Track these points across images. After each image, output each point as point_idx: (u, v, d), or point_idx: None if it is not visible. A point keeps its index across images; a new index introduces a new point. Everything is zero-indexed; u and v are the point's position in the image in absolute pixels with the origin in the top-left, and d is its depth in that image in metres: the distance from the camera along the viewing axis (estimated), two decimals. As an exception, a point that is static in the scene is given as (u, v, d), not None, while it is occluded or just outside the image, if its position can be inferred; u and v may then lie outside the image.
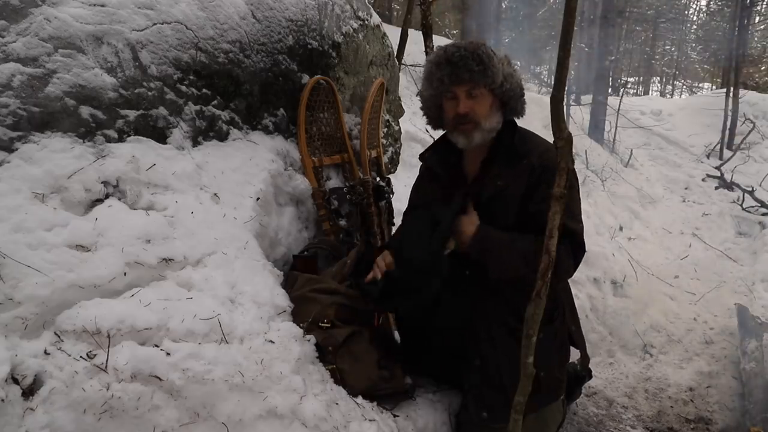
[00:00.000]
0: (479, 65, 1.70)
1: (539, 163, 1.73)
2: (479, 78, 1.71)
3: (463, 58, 1.70)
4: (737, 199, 7.73)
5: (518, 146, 1.80)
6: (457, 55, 1.71)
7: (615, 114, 10.15)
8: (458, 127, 1.79)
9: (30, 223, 1.47)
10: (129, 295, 1.51)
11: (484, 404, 1.80)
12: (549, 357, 1.86)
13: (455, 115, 1.78)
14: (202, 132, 2.14)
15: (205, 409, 1.38)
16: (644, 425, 3.32)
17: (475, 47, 1.72)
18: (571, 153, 1.35)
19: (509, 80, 1.78)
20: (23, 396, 1.23)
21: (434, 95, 1.84)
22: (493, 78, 1.72)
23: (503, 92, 1.78)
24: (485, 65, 1.70)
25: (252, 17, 2.30)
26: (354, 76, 2.89)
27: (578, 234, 1.76)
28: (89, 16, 1.80)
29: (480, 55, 1.70)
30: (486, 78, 1.72)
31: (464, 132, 1.78)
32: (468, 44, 1.74)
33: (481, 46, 1.73)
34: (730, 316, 4.61)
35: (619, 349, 4.24)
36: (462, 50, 1.71)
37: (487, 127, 1.78)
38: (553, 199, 1.36)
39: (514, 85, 1.79)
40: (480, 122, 1.76)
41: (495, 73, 1.72)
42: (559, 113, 1.34)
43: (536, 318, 1.41)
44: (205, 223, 1.83)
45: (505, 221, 1.76)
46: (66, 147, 1.66)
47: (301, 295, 1.88)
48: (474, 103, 1.75)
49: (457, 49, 1.72)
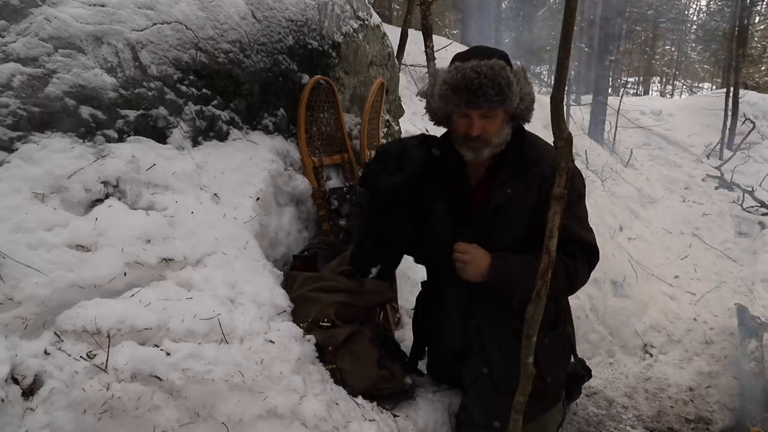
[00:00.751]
0: (498, 95, 1.61)
1: (551, 172, 1.66)
2: (498, 105, 1.64)
3: (483, 87, 1.59)
4: (737, 199, 7.73)
5: (527, 153, 1.74)
6: (477, 83, 1.59)
7: (615, 114, 10.15)
8: (467, 143, 1.72)
9: (30, 223, 1.47)
10: (129, 295, 1.51)
11: (496, 414, 1.75)
12: (556, 362, 1.87)
13: (466, 134, 1.71)
14: (202, 132, 2.14)
15: (205, 409, 1.38)
16: (644, 425, 3.32)
17: (495, 74, 1.60)
18: (571, 153, 1.35)
19: (524, 101, 1.70)
20: (23, 396, 1.23)
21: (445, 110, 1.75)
22: (511, 102, 1.65)
23: (517, 110, 1.71)
24: (504, 94, 1.61)
25: (252, 17, 2.30)
26: (354, 76, 2.89)
27: (592, 243, 1.76)
28: (89, 16, 1.80)
29: (500, 83, 1.60)
30: (504, 105, 1.65)
31: (474, 149, 1.72)
32: (489, 70, 1.60)
33: (501, 71, 1.61)
34: (730, 316, 4.61)
35: (619, 349, 4.24)
36: (482, 77, 1.59)
37: (497, 142, 1.72)
38: (552, 199, 1.36)
39: (528, 102, 1.72)
40: (491, 140, 1.70)
41: (513, 98, 1.64)
42: (559, 113, 1.33)
43: (536, 318, 1.41)
44: (205, 223, 1.83)
45: (515, 231, 1.73)
46: (66, 147, 1.66)
47: (301, 295, 1.88)
48: (486, 123, 1.68)
49: (477, 75, 1.60)
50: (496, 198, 1.73)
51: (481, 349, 1.81)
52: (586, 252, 1.76)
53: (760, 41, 18.90)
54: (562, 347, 1.91)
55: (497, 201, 1.73)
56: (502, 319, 1.79)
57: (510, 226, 1.73)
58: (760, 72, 19.43)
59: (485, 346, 1.80)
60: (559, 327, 1.87)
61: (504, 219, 1.73)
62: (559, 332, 1.87)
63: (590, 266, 1.77)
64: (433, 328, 2.01)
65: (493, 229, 1.73)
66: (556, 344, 1.85)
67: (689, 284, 5.61)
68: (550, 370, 1.80)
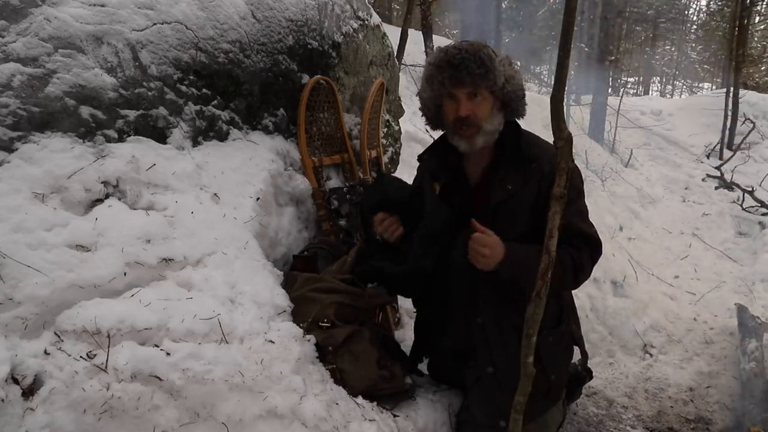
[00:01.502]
0: (480, 67, 1.65)
1: (550, 168, 1.68)
2: (480, 80, 1.67)
3: (465, 60, 1.65)
4: (737, 199, 7.72)
5: (525, 149, 1.76)
6: (459, 57, 1.66)
7: (615, 114, 10.15)
8: (459, 131, 1.74)
9: (30, 223, 1.47)
10: (129, 295, 1.51)
11: (501, 413, 1.73)
12: (559, 360, 1.87)
13: (456, 118, 1.73)
14: (202, 132, 2.14)
15: (205, 409, 1.38)
16: (644, 425, 3.32)
17: (476, 49, 1.67)
18: (571, 153, 1.35)
19: (511, 82, 1.73)
20: (23, 396, 1.23)
21: (434, 96, 1.80)
22: (494, 80, 1.69)
23: (504, 94, 1.74)
24: (487, 67, 1.66)
25: (252, 17, 2.30)
26: (354, 76, 2.89)
27: (594, 237, 1.78)
28: (89, 16, 1.80)
29: (482, 57, 1.66)
30: (487, 80, 1.68)
31: (466, 137, 1.74)
32: (469, 46, 1.68)
33: (483, 48, 1.68)
34: (730, 316, 4.61)
35: (619, 349, 4.24)
36: (463, 52, 1.66)
37: (489, 129, 1.74)
38: (553, 199, 1.36)
39: (515, 86, 1.75)
40: (482, 125, 1.72)
41: (497, 75, 1.69)
42: (559, 113, 1.33)
43: (536, 318, 1.41)
44: (205, 223, 1.83)
45: (517, 228, 1.73)
46: (66, 147, 1.66)
47: (301, 295, 1.88)
48: (475, 106, 1.71)
49: (458, 50, 1.67)
50: (497, 195, 1.74)
51: (486, 348, 1.81)
52: (589, 245, 1.77)
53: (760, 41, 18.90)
54: (565, 344, 1.91)
55: (498, 198, 1.74)
56: (506, 318, 1.79)
57: (512, 222, 1.74)
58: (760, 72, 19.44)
59: (490, 345, 1.80)
60: (562, 324, 1.87)
61: (506, 216, 1.74)
62: (562, 330, 1.87)
63: (593, 259, 1.78)
64: (436, 328, 2.01)
65: (495, 227, 1.72)
66: (559, 342, 1.86)
67: (689, 284, 5.60)
68: (554, 368, 1.81)
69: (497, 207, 1.74)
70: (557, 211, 1.35)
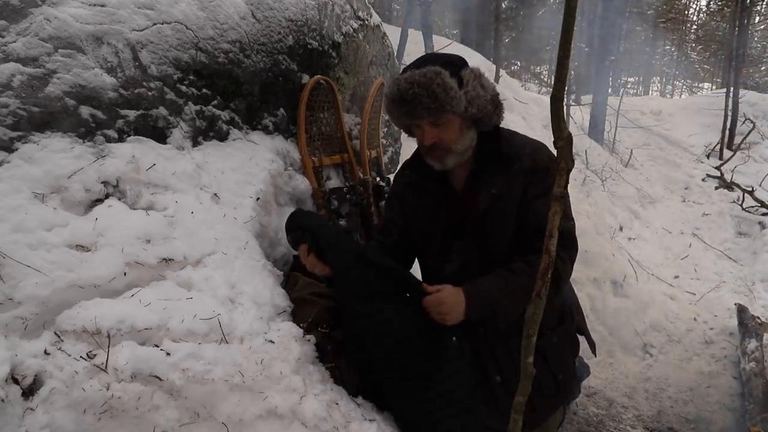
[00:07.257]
0: (435, 102, 1.58)
1: (531, 165, 1.68)
2: (438, 111, 1.61)
3: (417, 96, 1.58)
4: (737, 199, 7.71)
5: (505, 149, 1.73)
6: (411, 93, 1.59)
7: (615, 114, 10.14)
8: (430, 153, 1.71)
9: (30, 223, 1.47)
10: (129, 295, 1.51)
11: None
12: (565, 358, 1.87)
13: (423, 145, 1.71)
14: (202, 132, 2.14)
15: (205, 409, 1.38)
16: (644, 425, 3.33)
17: (427, 82, 1.58)
18: (571, 153, 1.35)
19: (474, 104, 1.63)
20: (23, 396, 1.23)
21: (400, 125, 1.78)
22: (453, 108, 1.62)
23: (471, 114, 1.66)
24: (440, 101, 1.58)
25: (252, 17, 2.30)
26: (354, 76, 2.89)
27: (570, 232, 1.73)
28: (89, 16, 1.80)
29: (434, 90, 1.57)
30: (445, 111, 1.61)
31: (437, 158, 1.71)
32: (421, 77, 1.58)
33: (436, 78, 1.58)
34: (730, 316, 4.61)
35: (619, 349, 4.24)
36: (415, 86, 1.58)
37: (460, 149, 1.70)
38: (553, 199, 1.35)
39: (481, 106, 1.65)
40: (451, 147, 1.68)
41: (456, 103, 1.61)
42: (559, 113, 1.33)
43: (536, 318, 1.41)
44: (205, 223, 1.83)
45: (508, 230, 1.71)
46: (66, 147, 1.66)
47: (301, 297, 1.88)
48: (440, 132, 1.64)
49: (410, 85, 1.59)
50: (484, 201, 1.71)
51: (492, 358, 1.78)
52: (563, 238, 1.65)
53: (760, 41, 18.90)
54: (570, 341, 1.92)
55: (485, 204, 1.71)
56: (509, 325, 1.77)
57: (503, 225, 1.72)
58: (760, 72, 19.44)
59: (495, 354, 1.78)
60: (565, 323, 1.87)
61: (496, 220, 1.71)
62: (565, 328, 1.87)
63: (570, 257, 1.71)
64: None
65: (486, 233, 1.71)
66: (564, 340, 1.86)
67: (689, 284, 5.61)
68: (561, 368, 1.81)
69: (486, 212, 1.71)
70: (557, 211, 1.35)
